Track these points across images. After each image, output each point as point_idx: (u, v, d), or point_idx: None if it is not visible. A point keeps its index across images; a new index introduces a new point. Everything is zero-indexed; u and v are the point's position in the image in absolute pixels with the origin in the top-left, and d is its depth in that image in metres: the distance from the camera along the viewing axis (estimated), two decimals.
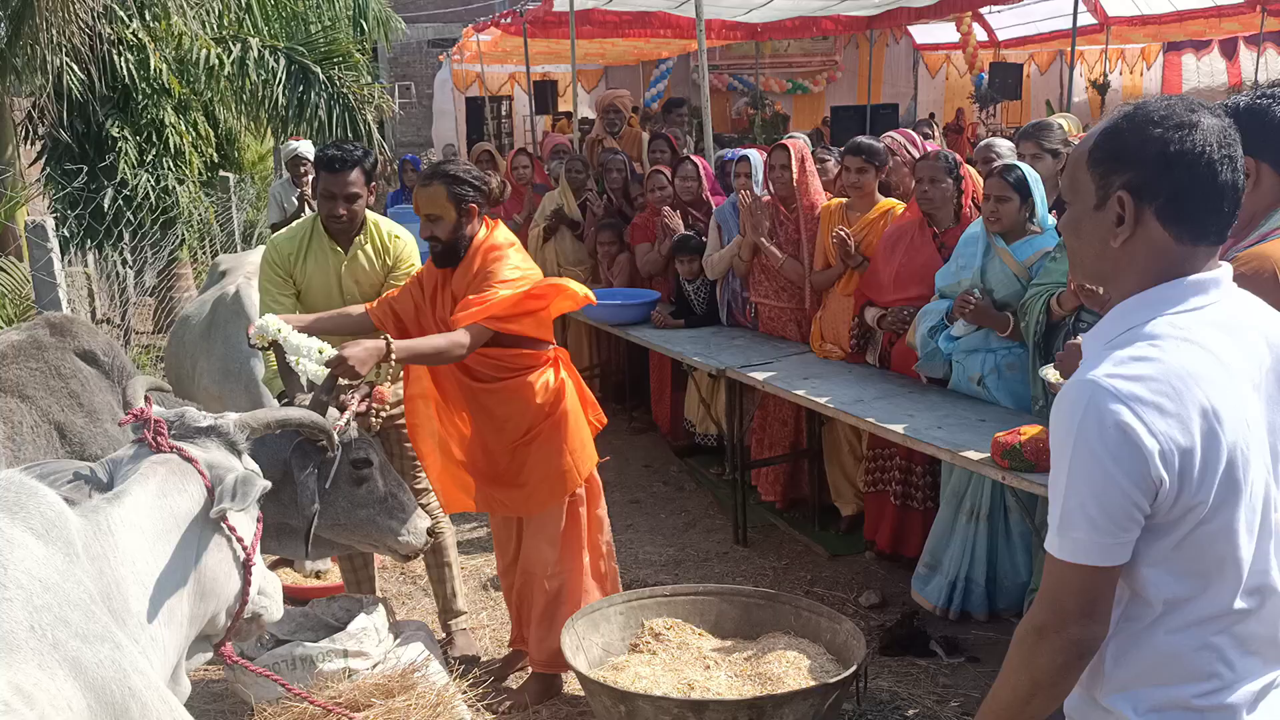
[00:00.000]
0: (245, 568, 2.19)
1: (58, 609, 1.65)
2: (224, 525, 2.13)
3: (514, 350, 3.54)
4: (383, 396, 3.41)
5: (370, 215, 3.89)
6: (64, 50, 7.40)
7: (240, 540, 2.17)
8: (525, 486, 3.61)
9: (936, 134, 5.82)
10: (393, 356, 3.15)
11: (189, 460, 2.13)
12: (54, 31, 7.15)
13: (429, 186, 3.45)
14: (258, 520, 2.28)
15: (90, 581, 1.77)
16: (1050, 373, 3.11)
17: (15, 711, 1.50)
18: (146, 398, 2.33)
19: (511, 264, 3.46)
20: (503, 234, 3.57)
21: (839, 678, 3.14)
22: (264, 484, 2.15)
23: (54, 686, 1.58)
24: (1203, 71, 16.26)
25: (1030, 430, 3.36)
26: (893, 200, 4.86)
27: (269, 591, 2.35)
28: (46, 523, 1.75)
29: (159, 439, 2.14)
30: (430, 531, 3.14)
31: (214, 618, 2.19)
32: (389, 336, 3.23)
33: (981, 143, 5.15)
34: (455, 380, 3.61)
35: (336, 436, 2.89)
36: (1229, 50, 15.69)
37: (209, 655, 2.30)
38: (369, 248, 3.87)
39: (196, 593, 2.07)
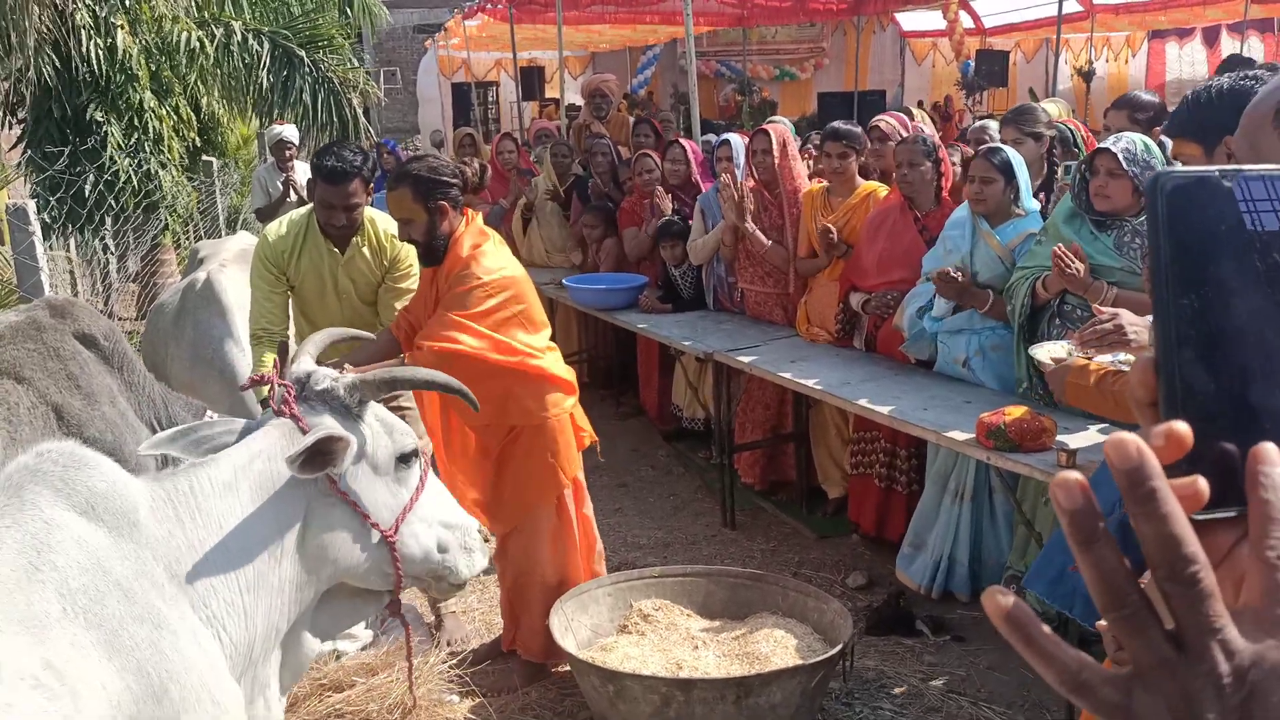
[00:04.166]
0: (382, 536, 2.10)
1: (94, 590, 1.64)
2: (334, 491, 2.04)
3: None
4: None
5: (366, 213, 3.80)
6: (36, 34, 7.34)
7: (358, 508, 2.07)
8: (511, 489, 3.57)
9: (922, 118, 5.80)
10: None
11: (303, 426, 2.06)
12: (25, 14, 7.10)
13: (395, 190, 3.33)
14: (421, 482, 2.19)
15: (147, 552, 1.75)
16: (1039, 351, 3.12)
17: (45, 686, 1.50)
18: (275, 363, 2.26)
19: (483, 289, 3.29)
20: (477, 231, 3.44)
21: (826, 656, 3.17)
22: (322, 433, 1.98)
23: (87, 666, 1.57)
24: (1184, 60, 16.29)
25: (1014, 411, 3.38)
26: (874, 184, 4.86)
27: (452, 547, 2.25)
28: (93, 497, 1.73)
29: (283, 405, 2.08)
30: None
31: (364, 579, 2.12)
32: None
33: (975, 124, 5.15)
34: None
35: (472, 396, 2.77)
36: (1211, 38, 15.72)
37: (378, 609, 2.27)
38: (365, 249, 3.79)
39: (304, 558, 2.01)
